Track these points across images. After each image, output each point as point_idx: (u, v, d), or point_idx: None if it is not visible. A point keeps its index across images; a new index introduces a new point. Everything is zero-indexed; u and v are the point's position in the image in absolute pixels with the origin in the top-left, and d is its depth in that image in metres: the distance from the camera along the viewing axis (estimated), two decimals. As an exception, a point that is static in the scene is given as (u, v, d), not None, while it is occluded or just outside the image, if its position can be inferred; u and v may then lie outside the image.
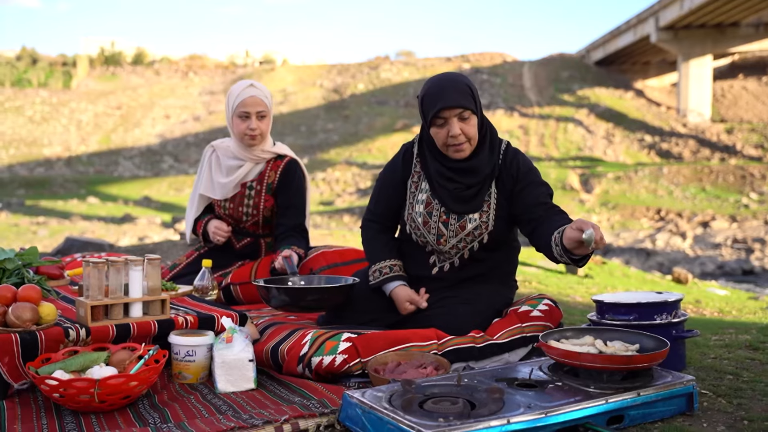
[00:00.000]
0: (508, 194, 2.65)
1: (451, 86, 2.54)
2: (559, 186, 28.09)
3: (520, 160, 2.67)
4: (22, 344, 2.24)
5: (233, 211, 3.35)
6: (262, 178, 3.34)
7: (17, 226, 20.18)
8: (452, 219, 2.65)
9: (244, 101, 3.23)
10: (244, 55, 72.02)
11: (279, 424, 1.97)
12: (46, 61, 61.36)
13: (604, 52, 47.80)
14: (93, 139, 44.46)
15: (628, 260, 18.83)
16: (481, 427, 1.74)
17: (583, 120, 39.71)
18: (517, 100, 45.09)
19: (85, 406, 2.09)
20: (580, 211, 25.28)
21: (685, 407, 2.06)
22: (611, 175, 28.74)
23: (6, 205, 26.16)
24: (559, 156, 35.22)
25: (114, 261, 2.44)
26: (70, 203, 26.21)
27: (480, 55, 58.59)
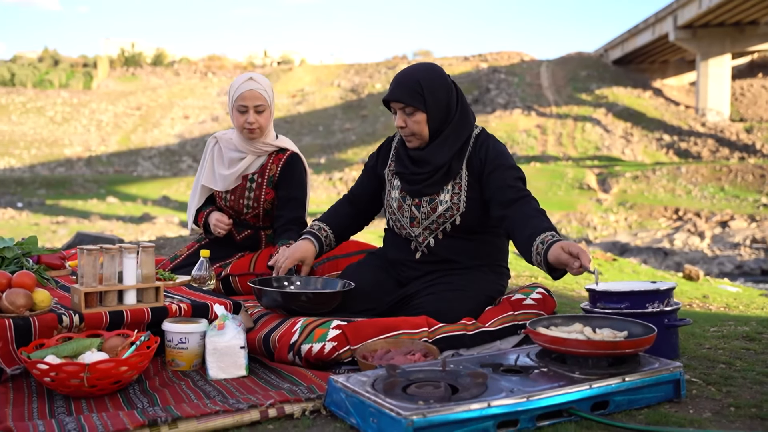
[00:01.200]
0: (477, 177, 2.70)
1: (402, 81, 2.67)
2: (576, 185, 27.98)
3: (489, 145, 2.72)
4: (16, 330, 2.27)
5: (234, 203, 3.36)
6: (263, 170, 3.36)
7: (37, 225, 20.45)
8: (424, 202, 2.75)
9: (242, 95, 3.23)
10: (263, 55, 72.32)
11: (264, 408, 1.98)
12: (68, 62, 62.00)
13: (623, 51, 47.50)
14: (113, 139, 44.85)
15: (645, 260, 18.71)
16: (461, 410, 1.74)
17: (601, 119, 39.49)
18: (535, 100, 44.91)
19: (75, 391, 2.12)
20: (598, 211, 25.16)
21: (673, 394, 2.04)
22: (629, 175, 28.57)
23: (27, 205, 26.49)
24: (577, 155, 35.06)
25: (108, 248, 2.47)
26: (90, 203, 26.48)
27: (497, 54, 58.42)
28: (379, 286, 2.76)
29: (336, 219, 3.01)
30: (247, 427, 1.92)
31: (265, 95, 3.27)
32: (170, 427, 1.86)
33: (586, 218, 24.45)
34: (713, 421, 1.88)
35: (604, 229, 23.60)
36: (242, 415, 1.95)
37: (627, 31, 46.23)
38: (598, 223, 24.06)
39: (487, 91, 48.49)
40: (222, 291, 3.21)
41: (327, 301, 2.69)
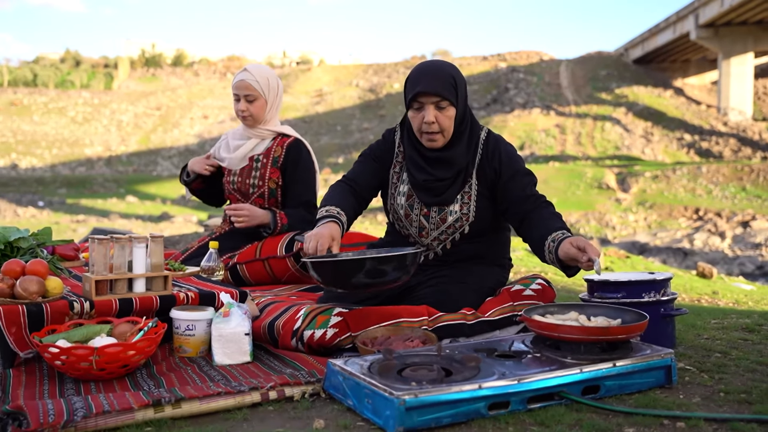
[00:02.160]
0: (490, 185, 2.66)
1: (433, 73, 2.54)
2: (595, 185, 27.87)
3: (501, 151, 2.67)
4: (29, 315, 2.35)
5: (241, 185, 3.53)
6: (268, 153, 3.55)
7: (58, 224, 20.71)
8: (433, 212, 2.69)
9: (235, 84, 3.52)
10: (282, 55, 72.65)
11: (265, 391, 2.05)
12: (89, 63, 62.70)
13: (643, 50, 47.23)
14: (133, 139, 45.29)
15: (665, 260, 18.61)
16: (452, 391, 1.79)
17: (621, 119, 39.31)
18: (554, 99, 44.79)
19: (85, 374, 2.19)
20: (617, 211, 25.05)
21: (664, 380, 2.08)
22: (649, 174, 28.41)
23: (48, 204, 26.82)
24: (596, 155, 34.92)
25: (119, 238, 2.55)
26: (110, 202, 26.76)
27: (516, 53, 58.30)
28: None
29: (346, 207, 2.71)
30: (248, 408, 1.99)
31: (256, 86, 3.47)
32: (174, 407, 1.93)
33: (604, 218, 24.35)
34: (701, 405, 1.92)
35: (623, 229, 23.50)
36: (243, 396, 2.02)
37: (648, 30, 45.98)
38: (617, 223, 23.96)
39: (505, 91, 48.42)
40: (231, 281, 3.29)
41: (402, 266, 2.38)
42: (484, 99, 47.74)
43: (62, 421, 1.78)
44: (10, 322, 2.32)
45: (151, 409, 1.91)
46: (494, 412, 1.85)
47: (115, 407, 1.88)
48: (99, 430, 1.83)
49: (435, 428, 1.78)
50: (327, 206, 2.65)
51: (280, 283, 3.29)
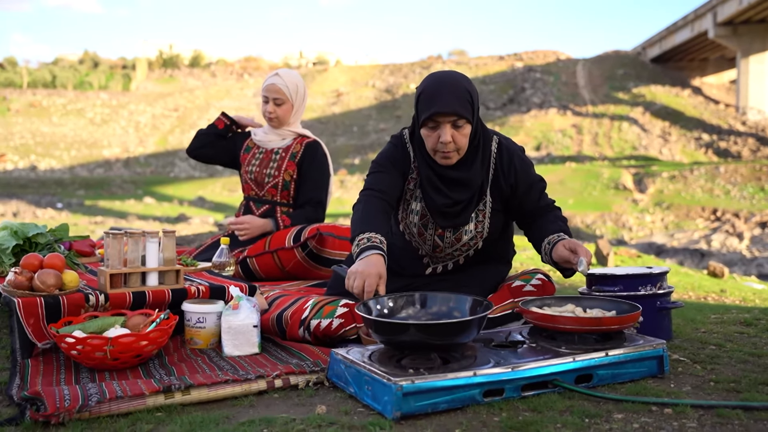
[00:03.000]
0: (504, 200, 2.63)
1: (450, 90, 2.40)
2: (612, 185, 27.78)
3: (516, 165, 2.59)
4: (46, 307, 2.45)
5: (257, 174, 3.70)
6: (288, 148, 3.73)
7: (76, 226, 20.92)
8: (448, 232, 2.63)
9: (266, 87, 3.68)
10: (298, 56, 72.96)
11: (270, 379, 2.14)
12: (107, 64, 63.29)
13: (661, 49, 46.98)
14: (150, 140, 45.66)
15: (681, 261, 18.52)
16: (448, 378, 1.87)
17: (639, 118, 39.13)
18: (571, 99, 44.66)
19: (99, 363, 2.29)
20: (634, 211, 24.96)
21: (657, 370, 2.15)
22: (666, 175, 28.27)
23: (66, 205, 27.10)
24: (613, 155, 34.79)
25: (132, 233, 2.65)
26: (127, 203, 26.99)
27: (533, 53, 58.17)
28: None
29: (386, 232, 2.48)
30: (254, 395, 2.08)
31: (286, 90, 3.64)
32: (183, 394, 2.03)
33: (621, 219, 24.26)
34: (691, 393, 1.99)
35: (640, 229, 23.41)
36: (250, 384, 2.11)
37: (665, 28, 45.72)
38: (634, 223, 23.87)
39: (522, 91, 48.33)
40: (242, 275, 3.39)
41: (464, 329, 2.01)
42: (501, 99, 47.68)
43: (77, 405, 1.88)
44: (28, 314, 2.42)
45: (162, 395, 2.00)
46: (489, 398, 1.93)
47: (128, 393, 1.97)
48: (112, 414, 1.92)
49: (432, 413, 1.86)
50: (369, 232, 2.39)
51: (289, 278, 3.38)
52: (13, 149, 42.48)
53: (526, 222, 2.67)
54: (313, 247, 3.29)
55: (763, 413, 1.81)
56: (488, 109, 46.05)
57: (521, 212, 2.65)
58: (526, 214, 2.65)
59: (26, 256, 2.59)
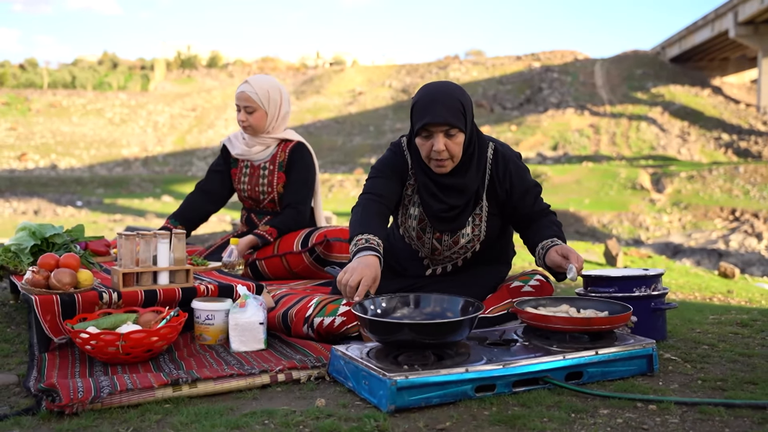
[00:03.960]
0: (500, 204, 2.70)
1: (442, 100, 2.49)
2: (629, 185, 27.69)
3: (511, 171, 2.66)
4: (62, 304, 2.56)
5: (251, 192, 3.70)
6: (274, 159, 3.71)
7: (96, 224, 21.19)
8: (445, 236, 2.72)
9: (236, 95, 3.69)
10: (315, 56, 73.21)
11: (274, 373, 2.23)
12: (126, 65, 63.83)
13: (680, 49, 46.66)
14: (169, 140, 46.04)
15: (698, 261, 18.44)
16: (441, 374, 1.96)
17: (657, 118, 38.92)
18: (588, 99, 44.50)
19: (112, 358, 2.40)
20: (651, 211, 24.87)
21: (646, 368, 2.22)
22: (684, 175, 28.13)
23: (86, 204, 27.43)
24: (631, 155, 34.65)
25: (144, 234, 2.76)
26: (146, 202, 27.25)
27: (551, 53, 58.00)
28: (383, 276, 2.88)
29: (383, 235, 2.56)
30: (258, 389, 2.18)
31: (255, 98, 3.62)
32: (190, 387, 2.13)
33: (638, 218, 24.18)
34: (677, 391, 2.06)
35: (657, 229, 23.32)
36: (254, 378, 2.20)
37: (685, 28, 45.42)
38: (651, 223, 23.78)
39: (539, 91, 48.23)
40: (251, 275, 3.49)
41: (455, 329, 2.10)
42: (518, 99, 47.60)
43: (90, 397, 1.98)
44: (45, 311, 2.54)
45: (170, 388, 2.10)
46: (481, 394, 2.01)
47: (138, 385, 2.07)
48: (123, 405, 2.02)
49: (425, 407, 1.95)
50: (367, 234, 2.47)
51: (296, 278, 3.48)
52: (34, 148, 43.01)
53: (521, 226, 2.75)
54: (321, 252, 3.38)
55: (744, 410, 1.87)
56: (505, 108, 45.99)
57: (517, 217, 2.73)
58: (521, 219, 2.72)
59: (43, 256, 2.70)
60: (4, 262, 3.08)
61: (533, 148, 37.89)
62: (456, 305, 2.26)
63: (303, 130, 45.35)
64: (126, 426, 1.86)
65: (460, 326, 2.05)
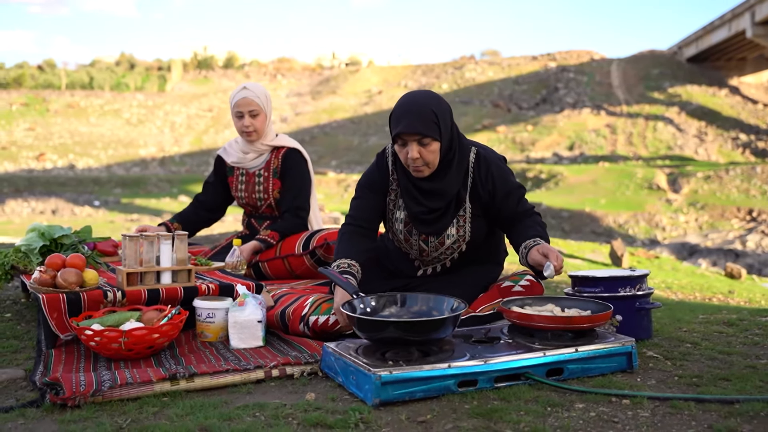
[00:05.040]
0: (483, 206, 2.79)
1: (414, 111, 2.60)
2: (646, 186, 27.60)
3: (494, 173, 2.75)
4: (68, 302, 2.68)
5: (248, 199, 3.81)
6: (268, 165, 3.79)
7: (113, 223, 21.45)
8: (431, 237, 2.82)
9: (237, 102, 3.70)
10: (331, 56, 73.44)
11: (268, 369, 2.33)
12: (143, 66, 64.33)
13: (697, 49, 46.37)
14: (185, 140, 46.39)
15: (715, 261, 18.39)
16: (423, 369, 2.05)
17: (674, 118, 38.74)
18: (605, 99, 44.35)
19: (115, 354, 2.51)
20: (667, 211, 24.79)
21: (626, 365, 2.30)
22: (701, 175, 28.00)
23: (104, 203, 27.74)
24: (648, 155, 34.52)
25: (147, 236, 2.86)
26: (163, 201, 27.50)
27: (567, 53, 57.83)
28: (375, 275, 2.97)
29: (356, 253, 2.73)
30: (253, 383, 2.28)
31: (258, 101, 3.69)
32: (187, 381, 2.23)
33: (654, 219, 24.10)
34: (653, 387, 2.14)
35: (673, 229, 23.24)
36: (249, 373, 2.31)
37: (702, 27, 45.14)
38: (667, 223, 23.70)
39: (555, 91, 48.13)
40: (254, 276, 3.59)
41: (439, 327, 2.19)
42: (533, 99, 47.52)
43: (91, 390, 2.09)
44: (52, 309, 2.65)
45: (168, 382, 2.21)
46: (464, 389, 2.10)
47: (137, 379, 2.18)
48: (123, 399, 2.13)
49: (409, 401, 2.04)
50: (342, 259, 2.69)
51: (297, 279, 3.57)
52: (53, 149, 43.49)
53: (506, 227, 2.83)
54: (321, 254, 3.48)
55: (713, 405, 1.95)
56: (521, 109, 45.93)
57: (501, 218, 2.81)
58: (505, 220, 2.80)
59: (50, 256, 2.82)
60: (14, 261, 3.20)
61: (549, 148, 37.84)
62: (441, 304, 2.35)
63: (319, 130, 45.52)
64: (125, 418, 1.96)
65: (443, 324, 2.14)
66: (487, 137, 40.99)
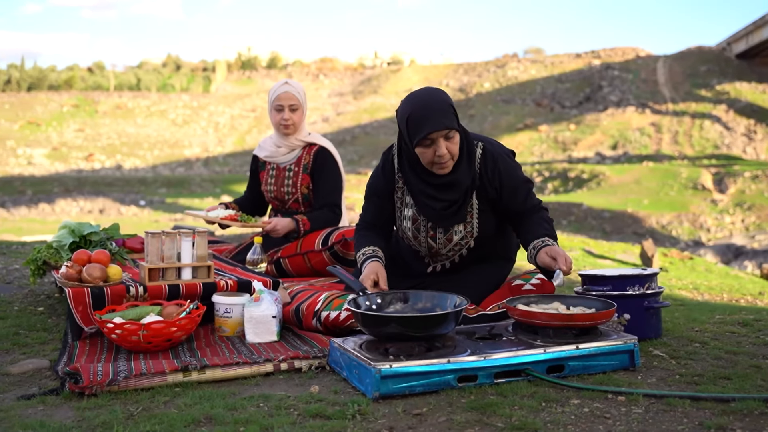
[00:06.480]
0: (491, 201, 2.83)
1: (435, 108, 2.63)
2: (690, 186, 27.15)
3: (500, 169, 2.78)
4: (92, 297, 2.80)
5: (277, 192, 3.91)
6: (299, 161, 3.90)
7: (157, 222, 21.89)
8: (439, 233, 2.87)
9: (278, 96, 3.84)
10: (373, 56, 73.65)
11: (277, 362, 2.41)
12: (188, 67, 65.41)
13: (747, 44, 45.38)
14: (229, 140, 47.04)
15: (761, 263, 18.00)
16: (423, 364, 2.10)
17: (722, 116, 38.00)
18: (650, 97, 43.70)
19: (135, 346, 2.61)
20: (712, 212, 24.35)
21: (628, 363, 2.32)
22: (748, 174, 27.42)
23: (149, 203, 28.31)
24: (694, 154, 33.93)
25: (169, 233, 2.97)
26: (206, 201, 27.89)
27: (611, 50, 57.09)
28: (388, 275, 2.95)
29: (377, 240, 2.92)
30: (261, 376, 2.36)
31: (298, 96, 3.85)
32: (199, 373, 2.32)
33: (699, 219, 23.69)
34: (652, 384, 2.16)
35: (719, 231, 22.81)
36: (258, 366, 2.39)
37: (752, 22, 44.16)
38: (712, 224, 23.28)
39: (599, 89, 47.58)
40: (275, 272, 3.68)
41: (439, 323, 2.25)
42: (576, 98, 47.06)
43: (107, 380, 2.20)
44: (77, 302, 2.77)
45: (180, 373, 2.30)
46: (464, 384, 2.15)
47: (151, 370, 2.28)
48: (137, 388, 2.23)
49: (409, 395, 2.10)
50: (365, 247, 2.88)
51: (318, 275, 3.65)
52: (101, 149, 44.51)
53: (514, 222, 2.86)
54: (338, 250, 3.55)
55: (708, 403, 1.97)
56: (563, 107, 45.51)
57: (508, 213, 2.84)
58: (512, 215, 2.84)
59: (76, 252, 2.95)
60: (46, 257, 3.34)
61: (592, 148, 37.42)
62: (445, 301, 2.40)
63: (360, 130, 45.72)
64: (137, 406, 2.06)
65: (444, 319, 2.20)
66: (529, 136, 40.71)
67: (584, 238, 10.69)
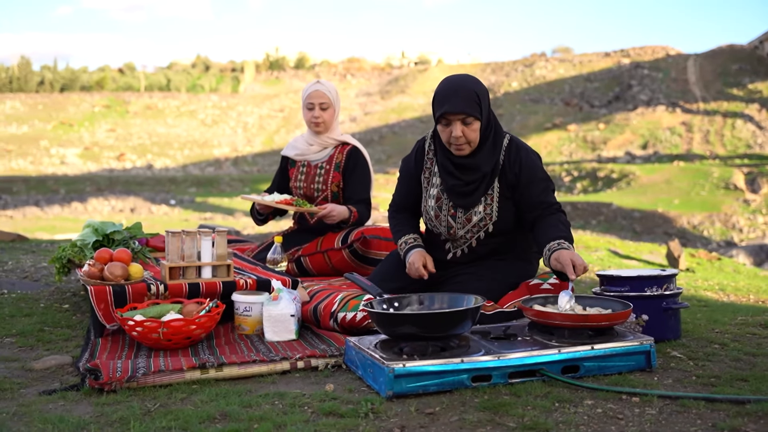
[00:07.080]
0: (511, 188, 2.92)
1: (459, 92, 2.78)
2: (722, 185, 26.79)
3: (522, 159, 2.91)
4: (114, 294, 2.84)
5: (306, 189, 3.94)
6: (331, 159, 3.94)
7: (187, 222, 22.10)
8: (459, 212, 2.97)
9: (310, 94, 3.90)
10: (400, 56, 73.64)
11: (294, 361, 2.43)
12: (217, 67, 65.96)
13: (780, 43, 44.60)
14: (257, 140, 47.35)
15: (794, 264, 17.71)
16: (436, 364, 2.11)
17: (754, 115, 37.44)
18: (681, 96, 43.18)
19: (155, 343, 2.65)
20: (745, 212, 24.00)
21: (644, 364, 2.30)
22: (781, 174, 27.01)
23: (179, 202, 28.59)
24: (725, 154, 33.47)
25: (189, 232, 3.01)
26: (235, 201, 28.13)
27: (641, 49, 56.50)
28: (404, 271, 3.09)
29: (413, 228, 3.16)
30: (278, 374, 2.38)
31: (329, 95, 3.90)
32: (216, 371, 2.35)
33: (731, 220, 23.37)
34: (668, 386, 2.14)
35: (751, 231, 22.48)
36: (275, 364, 2.41)
37: (784, 20, 43.36)
38: (744, 225, 22.95)
39: (629, 88, 47.12)
40: (296, 271, 3.71)
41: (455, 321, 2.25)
42: (606, 97, 46.65)
43: (126, 376, 2.23)
44: (99, 300, 2.82)
45: (198, 371, 2.33)
46: (478, 384, 2.15)
47: (169, 367, 2.32)
48: (156, 385, 2.26)
49: (422, 394, 2.11)
50: (405, 236, 3.12)
51: (338, 274, 3.67)
52: (132, 149, 45.06)
53: (529, 219, 2.89)
54: (358, 248, 3.58)
55: (723, 405, 1.95)
56: (593, 107, 45.13)
57: (524, 204, 2.89)
58: (528, 207, 2.88)
59: (98, 251, 3.00)
60: (71, 255, 3.40)
61: (621, 147, 37.08)
62: (460, 302, 2.41)
63: (388, 129, 45.75)
64: (154, 402, 2.09)
65: (459, 318, 2.20)
66: (558, 136, 40.46)
67: (611, 238, 10.61)
